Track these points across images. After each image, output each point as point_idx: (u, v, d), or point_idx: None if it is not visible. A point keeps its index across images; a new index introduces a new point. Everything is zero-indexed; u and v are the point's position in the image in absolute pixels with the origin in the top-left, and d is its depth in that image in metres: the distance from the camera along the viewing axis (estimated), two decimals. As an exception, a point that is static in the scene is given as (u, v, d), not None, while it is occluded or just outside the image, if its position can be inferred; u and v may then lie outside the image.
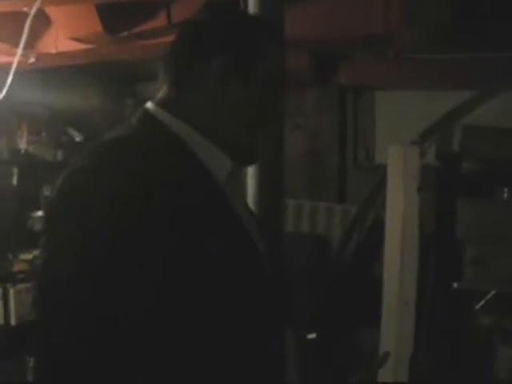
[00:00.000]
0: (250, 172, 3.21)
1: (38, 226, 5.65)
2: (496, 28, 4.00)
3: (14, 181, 5.79)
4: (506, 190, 5.07)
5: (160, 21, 4.11)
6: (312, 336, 4.80)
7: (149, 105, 1.70)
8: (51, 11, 4.18)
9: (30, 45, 4.43)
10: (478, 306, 4.99)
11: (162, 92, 1.72)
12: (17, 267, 5.59)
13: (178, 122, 1.65)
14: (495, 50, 4.67)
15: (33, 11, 3.68)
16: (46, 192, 5.60)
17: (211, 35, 1.69)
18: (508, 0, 3.75)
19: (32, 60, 4.61)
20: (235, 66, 1.66)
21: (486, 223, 4.90)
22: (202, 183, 1.61)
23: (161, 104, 1.69)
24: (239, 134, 1.70)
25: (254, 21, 1.89)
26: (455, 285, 4.91)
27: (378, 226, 5.28)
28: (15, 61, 3.96)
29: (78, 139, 6.22)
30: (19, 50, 3.92)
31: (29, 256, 5.50)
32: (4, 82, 4.08)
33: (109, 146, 1.61)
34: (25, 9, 3.84)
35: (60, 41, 4.52)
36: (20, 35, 3.92)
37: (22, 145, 5.89)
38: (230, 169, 1.68)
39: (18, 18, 4.00)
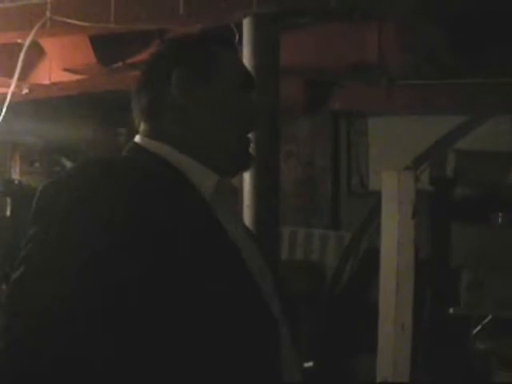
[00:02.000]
0: (246, 201, 3.21)
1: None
2: (489, 54, 4.03)
3: (8, 211, 5.77)
4: (500, 214, 5.08)
5: (153, 51, 4.11)
6: (309, 364, 4.78)
7: (137, 138, 1.72)
8: (45, 43, 4.19)
9: (24, 76, 4.43)
10: (474, 332, 4.99)
11: (142, 124, 1.73)
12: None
13: (163, 146, 1.66)
14: (488, 75, 4.70)
15: (27, 43, 3.68)
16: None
17: (165, 57, 1.74)
18: (500, 27, 3.77)
19: (25, 91, 4.62)
20: (192, 72, 1.68)
21: (482, 248, 4.90)
22: (187, 200, 1.59)
23: (145, 135, 1.70)
24: (223, 143, 1.69)
25: (202, 34, 1.95)
26: (451, 310, 4.90)
27: (373, 253, 5.28)
28: (9, 92, 3.95)
29: (70, 169, 6.20)
30: (13, 81, 3.92)
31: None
32: (-2, 113, 4.08)
33: (88, 164, 1.61)
34: (19, 40, 3.85)
35: (53, 72, 4.53)
36: (14, 66, 3.92)
37: (16, 175, 5.88)
38: (216, 184, 1.64)
39: (12, 49, 4.01)
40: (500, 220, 5.09)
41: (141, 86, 1.74)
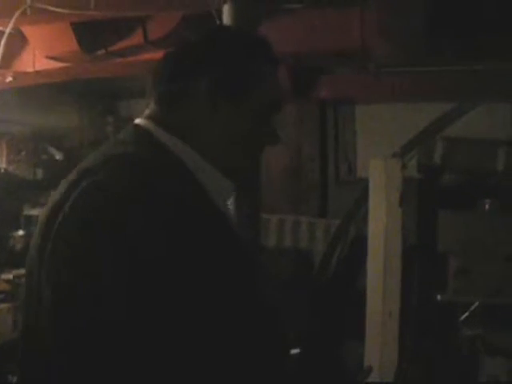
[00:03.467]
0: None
1: (19, 246, 5.61)
2: (474, 39, 4.02)
3: (-5, 200, 5.76)
4: (487, 201, 5.08)
5: (136, 38, 4.10)
6: (296, 351, 4.78)
7: (140, 121, 1.64)
8: (27, 30, 4.17)
9: (8, 64, 4.42)
10: (462, 318, 4.99)
11: (149, 109, 1.66)
12: (-1, 286, 5.55)
13: (173, 139, 1.60)
14: (474, 61, 4.69)
15: (7, 30, 3.66)
16: (26, 211, 5.58)
17: (203, 54, 1.64)
18: (485, 11, 3.76)
19: (9, 79, 4.60)
20: (230, 82, 1.60)
21: (469, 235, 4.91)
22: (206, 206, 1.55)
23: (152, 120, 1.63)
24: (233, 156, 1.64)
25: (246, 38, 1.75)
26: (439, 297, 4.91)
27: (360, 240, 5.28)
28: (-9, 80, 3.94)
29: (57, 157, 6.20)
30: (-5, 70, 3.91)
31: (10, 276, 5.45)
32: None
33: (130, 164, 1.52)
34: (0, 28, 3.82)
35: (37, 59, 4.51)
36: (-4, 55, 3.91)
37: (2, 164, 5.87)
38: (231, 190, 1.65)
39: (-6, 37, 3.98)
40: (487, 207, 5.10)
41: (163, 71, 1.66)
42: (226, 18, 3.18)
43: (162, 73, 1.66)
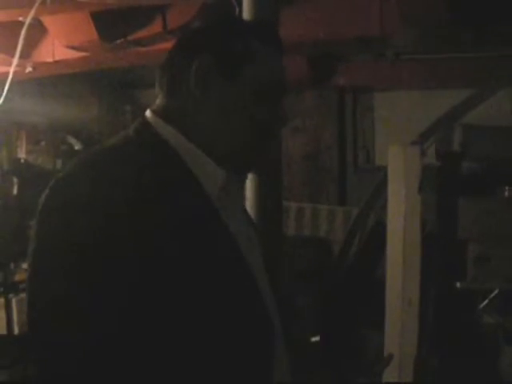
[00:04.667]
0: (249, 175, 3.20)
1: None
2: (494, 26, 4.00)
3: (15, 190, 5.79)
4: (507, 188, 5.06)
5: (156, 27, 4.10)
6: (316, 339, 4.78)
7: (147, 113, 1.64)
8: (46, 20, 4.17)
9: (27, 54, 4.43)
10: (481, 305, 4.98)
11: (158, 100, 1.66)
12: (18, 277, 5.59)
13: (172, 131, 1.59)
14: (493, 48, 4.66)
15: (28, 20, 3.67)
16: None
17: (195, 38, 1.65)
18: (503, -1, 3.74)
19: (29, 69, 4.62)
20: (216, 65, 1.58)
21: (488, 222, 4.88)
22: (191, 196, 1.53)
23: (157, 112, 1.63)
24: (231, 144, 1.61)
25: (242, 23, 1.77)
26: (458, 284, 4.90)
27: (380, 228, 5.27)
28: (11, 70, 3.95)
29: (77, 147, 6.22)
30: (15, 60, 3.91)
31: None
32: (1, 92, 4.07)
33: (95, 155, 1.56)
34: (20, 18, 3.83)
35: (56, 49, 4.52)
36: (16, 45, 3.91)
37: (22, 154, 5.90)
38: (223, 181, 1.59)
39: (14, 27, 3.99)
40: (507, 194, 5.07)
41: (167, 59, 1.66)
42: (246, 6, 3.17)
43: (167, 63, 1.66)
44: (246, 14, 3.12)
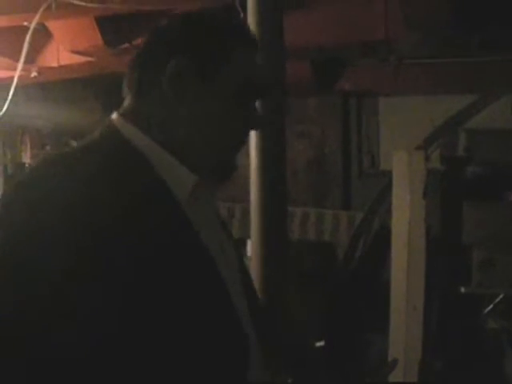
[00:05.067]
0: (253, 177, 3.20)
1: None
2: (497, 31, 4.00)
3: (19, 195, 5.79)
4: (511, 192, 5.06)
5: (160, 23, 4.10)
6: (320, 343, 4.78)
7: (114, 116, 1.54)
8: (51, 25, 4.19)
9: (32, 59, 4.45)
10: (486, 310, 4.97)
11: (125, 101, 1.56)
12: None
13: (139, 133, 1.49)
14: (497, 52, 4.66)
15: (32, 25, 3.68)
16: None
17: (168, 37, 1.55)
18: (507, 3, 3.74)
19: (34, 74, 4.63)
20: (192, 67, 1.48)
21: (493, 227, 4.88)
22: (157, 202, 1.45)
23: (124, 114, 1.53)
24: (205, 150, 1.53)
25: (218, 22, 1.61)
26: (463, 289, 4.89)
27: (384, 232, 5.27)
28: (16, 75, 3.96)
29: (81, 152, 6.22)
30: (20, 65, 3.92)
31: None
32: (6, 97, 4.08)
33: (52, 160, 1.50)
34: (25, 23, 3.85)
35: (61, 54, 4.53)
36: (21, 50, 3.93)
37: (27, 159, 5.90)
38: (192, 186, 1.50)
39: (19, 32, 4.01)
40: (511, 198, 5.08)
41: (137, 57, 1.56)
42: (250, 11, 3.17)
43: (131, 62, 1.57)
44: (251, 20, 3.13)
